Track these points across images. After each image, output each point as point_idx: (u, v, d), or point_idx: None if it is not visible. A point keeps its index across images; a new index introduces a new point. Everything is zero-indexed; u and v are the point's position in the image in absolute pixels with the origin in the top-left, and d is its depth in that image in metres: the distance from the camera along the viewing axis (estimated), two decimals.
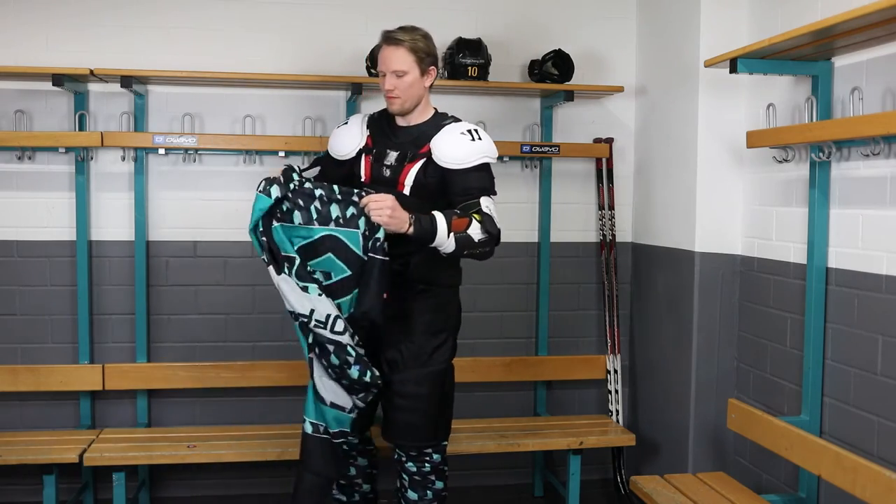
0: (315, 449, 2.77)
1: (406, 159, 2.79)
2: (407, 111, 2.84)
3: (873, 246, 2.73)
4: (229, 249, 3.87)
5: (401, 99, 2.79)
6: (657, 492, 3.05)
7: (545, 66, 3.86)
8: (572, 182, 4.14)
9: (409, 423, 2.83)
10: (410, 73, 2.77)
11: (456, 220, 2.64)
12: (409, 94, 2.80)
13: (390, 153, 2.83)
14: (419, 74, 2.79)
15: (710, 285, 3.55)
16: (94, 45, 3.71)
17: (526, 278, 4.13)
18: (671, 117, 3.76)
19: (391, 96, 2.79)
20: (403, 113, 2.84)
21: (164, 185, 3.83)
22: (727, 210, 3.52)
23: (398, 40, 2.77)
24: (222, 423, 3.86)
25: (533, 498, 4.14)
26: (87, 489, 3.74)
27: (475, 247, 2.66)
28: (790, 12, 3.13)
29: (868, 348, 2.75)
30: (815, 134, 2.74)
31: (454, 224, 2.63)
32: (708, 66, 3.11)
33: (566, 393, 4.19)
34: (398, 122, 2.89)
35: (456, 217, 2.65)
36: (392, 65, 2.76)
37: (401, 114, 2.85)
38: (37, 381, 3.68)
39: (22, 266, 3.76)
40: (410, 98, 2.81)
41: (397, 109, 2.82)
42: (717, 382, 3.57)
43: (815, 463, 2.66)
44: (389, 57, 2.77)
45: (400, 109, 2.82)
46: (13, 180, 3.73)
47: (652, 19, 3.98)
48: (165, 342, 3.87)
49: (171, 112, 3.82)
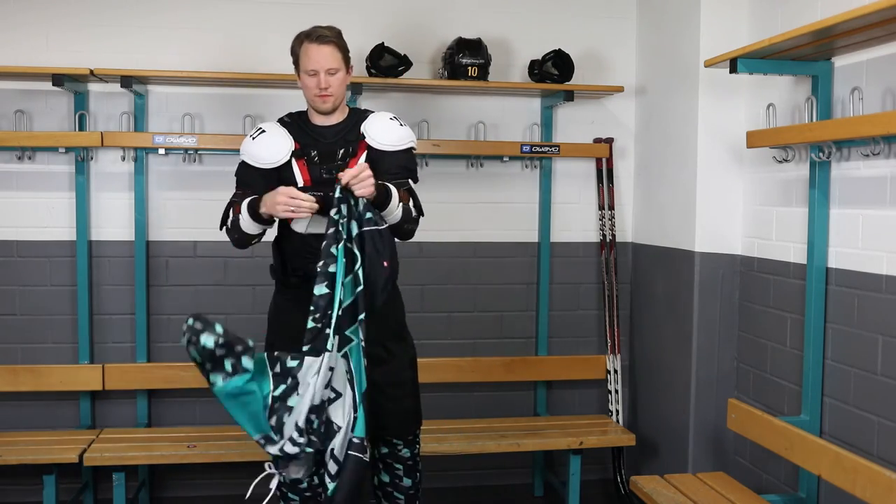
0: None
1: (349, 155, 2.80)
2: (335, 109, 2.83)
3: (873, 246, 2.73)
4: (229, 249, 3.82)
5: (333, 97, 2.78)
6: (657, 492, 3.05)
7: (545, 66, 3.86)
8: (572, 182, 4.14)
9: (406, 409, 2.89)
10: (340, 71, 2.78)
11: (401, 192, 2.70)
12: (340, 92, 2.80)
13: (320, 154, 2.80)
14: (345, 72, 2.82)
15: (710, 285, 3.55)
16: (94, 45, 3.71)
17: (526, 278, 4.13)
18: (671, 117, 3.76)
19: (325, 94, 2.76)
20: (332, 111, 2.83)
21: (164, 185, 3.84)
22: (727, 210, 3.52)
23: (327, 38, 2.76)
24: (222, 423, 3.84)
25: (533, 498, 4.14)
26: (87, 489, 3.74)
27: (410, 221, 2.74)
28: (790, 12, 3.13)
29: (868, 348, 2.75)
30: (815, 134, 2.74)
31: (401, 195, 2.69)
32: (708, 66, 3.10)
33: (566, 393, 4.19)
34: (317, 121, 2.86)
35: (400, 190, 2.71)
36: (325, 63, 2.74)
37: (329, 112, 2.83)
38: (37, 381, 3.68)
39: (22, 266, 3.76)
40: (340, 96, 2.81)
41: (329, 107, 2.80)
42: (717, 382, 3.57)
43: (815, 463, 2.66)
44: (320, 55, 2.75)
45: (332, 107, 2.81)
46: (13, 180, 3.73)
47: (652, 19, 3.98)
48: (165, 342, 3.87)
49: (171, 112, 3.82)
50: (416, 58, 3.82)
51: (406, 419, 2.91)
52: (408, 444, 2.94)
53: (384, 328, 2.84)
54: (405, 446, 2.93)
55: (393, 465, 2.94)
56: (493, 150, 3.92)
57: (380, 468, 2.97)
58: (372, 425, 2.87)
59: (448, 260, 4.05)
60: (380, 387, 2.82)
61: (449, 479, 4.05)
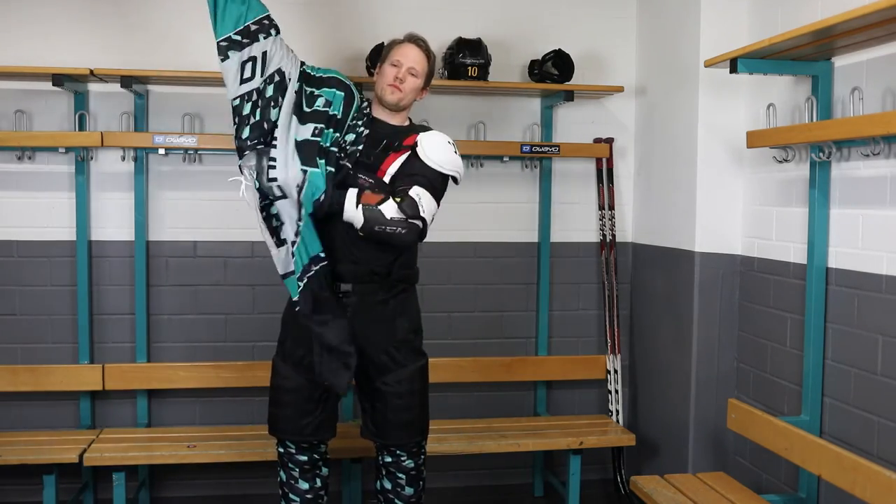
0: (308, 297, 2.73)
1: (391, 149, 2.81)
2: (400, 108, 2.87)
3: (873, 246, 2.73)
4: (229, 249, 3.88)
5: (402, 93, 2.83)
6: (657, 492, 3.05)
7: (545, 66, 3.86)
8: (572, 182, 4.14)
9: (409, 420, 2.87)
10: (419, 78, 2.86)
11: (368, 193, 2.67)
12: (410, 96, 2.86)
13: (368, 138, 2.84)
14: (422, 84, 2.88)
15: (710, 285, 3.55)
16: (94, 45, 3.71)
17: (526, 278, 4.13)
18: (671, 117, 3.76)
19: (396, 86, 2.82)
20: (396, 108, 2.86)
21: (164, 185, 3.83)
22: (727, 210, 3.52)
23: (423, 46, 2.88)
24: (222, 423, 3.87)
25: (533, 498, 4.14)
26: (87, 489, 3.74)
27: (385, 223, 2.62)
28: (790, 12, 3.13)
29: (868, 348, 2.75)
30: (815, 134, 2.74)
31: (364, 196, 2.65)
32: (708, 66, 3.10)
33: (566, 393, 4.19)
34: (379, 115, 2.90)
35: (369, 192, 2.68)
36: (411, 61, 2.84)
37: (393, 108, 2.86)
38: (37, 381, 3.68)
39: (22, 266, 3.75)
40: (408, 99, 2.87)
41: (394, 101, 2.83)
42: (717, 382, 3.57)
43: (815, 463, 2.66)
44: (411, 54, 2.85)
45: (397, 102, 2.84)
46: (13, 180, 3.73)
47: (652, 19, 3.98)
48: (165, 342, 3.87)
49: (171, 112, 3.82)
50: None
51: (409, 431, 2.89)
52: (411, 454, 2.92)
53: (390, 333, 2.85)
54: (409, 457, 2.92)
55: (396, 474, 2.93)
56: (493, 150, 3.92)
57: (382, 474, 2.97)
58: (373, 432, 2.89)
59: (448, 260, 4.05)
60: (383, 394, 2.84)
61: (449, 479, 4.05)
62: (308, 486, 2.94)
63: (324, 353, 2.72)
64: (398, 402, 2.84)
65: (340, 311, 2.75)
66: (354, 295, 2.79)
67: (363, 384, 2.89)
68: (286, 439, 2.92)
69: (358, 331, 2.77)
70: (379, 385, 2.84)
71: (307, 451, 2.92)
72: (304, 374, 2.83)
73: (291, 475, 2.93)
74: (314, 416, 2.87)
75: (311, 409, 2.86)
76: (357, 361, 2.76)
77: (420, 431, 2.93)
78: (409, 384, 2.86)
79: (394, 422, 2.86)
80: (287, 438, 2.91)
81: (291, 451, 2.92)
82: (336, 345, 2.71)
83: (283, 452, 2.94)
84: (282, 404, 2.89)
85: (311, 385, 2.83)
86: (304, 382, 2.84)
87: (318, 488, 2.97)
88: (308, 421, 2.86)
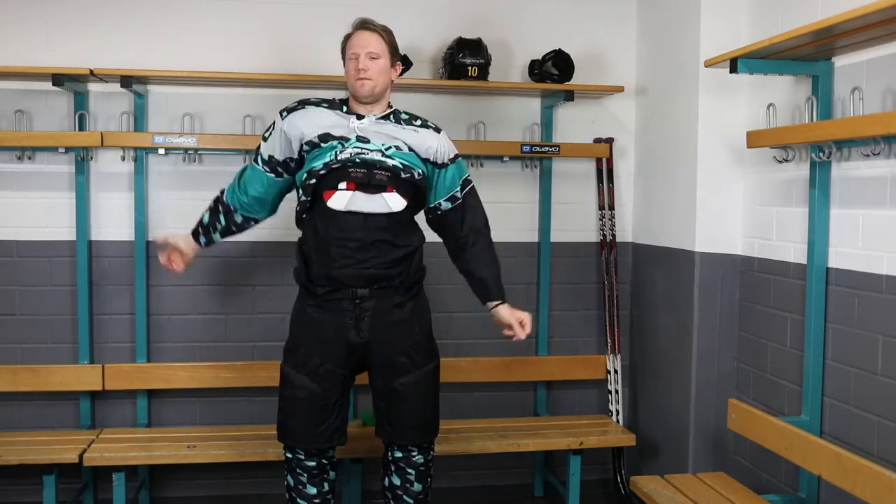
0: None
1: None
2: (376, 97, 2.81)
3: (873, 246, 2.73)
4: (229, 249, 3.87)
5: (372, 81, 2.77)
6: (657, 492, 3.05)
7: (545, 66, 3.86)
8: (572, 182, 4.14)
9: (423, 419, 2.90)
10: (383, 58, 2.79)
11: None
12: (381, 79, 2.79)
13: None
14: (389, 63, 2.82)
15: (710, 285, 3.55)
16: (94, 45, 3.71)
17: (526, 278, 4.13)
18: (671, 117, 3.76)
19: (363, 77, 2.75)
20: (374, 98, 2.81)
21: (164, 185, 3.83)
22: (727, 210, 3.52)
23: (373, 27, 2.82)
24: (222, 423, 3.87)
25: (533, 498, 4.14)
26: (87, 489, 3.74)
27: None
28: (790, 12, 3.13)
29: (868, 348, 2.75)
30: (815, 134, 2.74)
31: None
32: (708, 66, 3.10)
33: (566, 393, 4.19)
34: (357, 110, 2.85)
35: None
36: (367, 46, 2.77)
37: (369, 99, 2.81)
38: (37, 381, 3.68)
39: (22, 266, 3.75)
40: (381, 82, 2.80)
41: (367, 91, 2.78)
42: (717, 382, 3.57)
43: (815, 463, 2.65)
44: (364, 40, 2.79)
45: (370, 92, 2.78)
46: (13, 180, 3.73)
47: (652, 19, 3.98)
48: (165, 342, 3.87)
49: (171, 112, 3.82)
50: (416, 57, 3.82)
51: (425, 429, 2.92)
52: (422, 450, 2.95)
53: (408, 335, 2.86)
54: (419, 453, 2.94)
55: (405, 469, 2.94)
56: (493, 150, 3.92)
57: (391, 470, 2.97)
58: (389, 432, 2.89)
59: (448, 260, 4.03)
60: (401, 395, 2.85)
61: (449, 479, 4.05)
62: (316, 491, 2.93)
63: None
64: (415, 403, 2.87)
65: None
66: (371, 299, 2.78)
67: (378, 384, 2.89)
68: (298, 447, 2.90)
69: (376, 335, 2.79)
70: (396, 386, 2.85)
71: (316, 457, 2.90)
72: (320, 383, 2.81)
73: (300, 480, 2.91)
74: (328, 423, 2.84)
75: (326, 417, 2.84)
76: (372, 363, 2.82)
77: (433, 429, 2.96)
78: (425, 385, 2.89)
79: (410, 422, 2.88)
80: (300, 447, 2.89)
81: (300, 456, 2.89)
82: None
83: (292, 458, 2.91)
84: (296, 414, 2.85)
85: (327, 392, 2.82)
86: (320, 391, 2.81)
87: (326, 492, 2.96)
88: (323, 429, 2.84)
